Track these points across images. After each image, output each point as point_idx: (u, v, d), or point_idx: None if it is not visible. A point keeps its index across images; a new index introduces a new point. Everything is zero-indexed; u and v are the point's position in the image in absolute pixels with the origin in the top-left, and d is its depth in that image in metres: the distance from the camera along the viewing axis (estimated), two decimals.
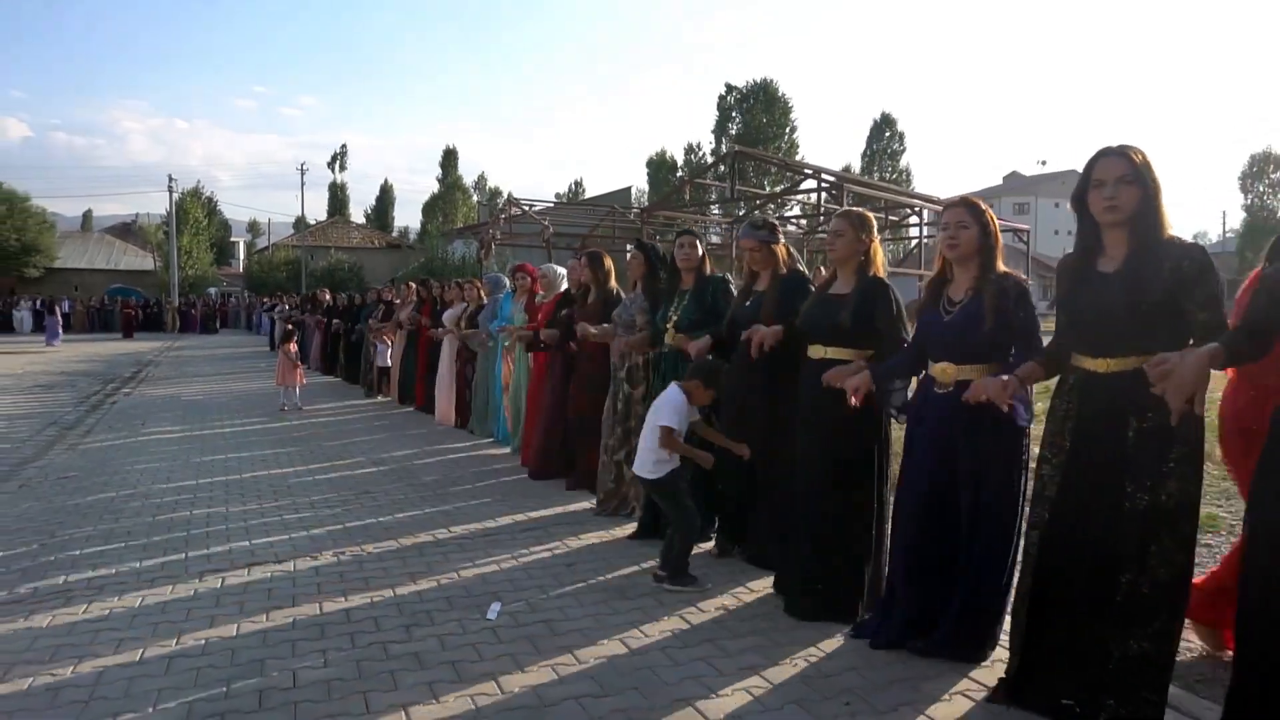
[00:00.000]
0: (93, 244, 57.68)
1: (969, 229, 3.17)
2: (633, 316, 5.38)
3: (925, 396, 3.30)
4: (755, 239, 4.32)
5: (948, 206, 3.28)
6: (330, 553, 4.73)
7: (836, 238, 3.78)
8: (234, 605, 3.94)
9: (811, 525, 3.71)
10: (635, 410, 5.23)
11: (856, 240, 3.73)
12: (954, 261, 3.24)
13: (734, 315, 4.40)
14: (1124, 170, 2.63)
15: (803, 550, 3.74)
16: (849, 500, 3.67)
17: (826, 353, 3.73)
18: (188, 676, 3.20)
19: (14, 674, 3.22)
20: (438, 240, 44.24)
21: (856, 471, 3.68)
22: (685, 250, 4.86)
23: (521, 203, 17.89)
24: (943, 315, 3.23)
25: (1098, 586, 2.67)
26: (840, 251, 3.76)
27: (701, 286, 4.83)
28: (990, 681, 3.02)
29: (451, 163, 65.60)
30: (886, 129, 58.91)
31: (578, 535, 5.03)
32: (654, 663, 3.29)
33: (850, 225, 3.75)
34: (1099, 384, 2.71)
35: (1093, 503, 2.71)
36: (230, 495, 6.17)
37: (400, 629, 3.62)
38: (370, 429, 9.33)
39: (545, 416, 6.51)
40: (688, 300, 4.83)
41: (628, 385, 5.32)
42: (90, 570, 4.47)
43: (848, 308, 3.67)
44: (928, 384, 3.29)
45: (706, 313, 4.72)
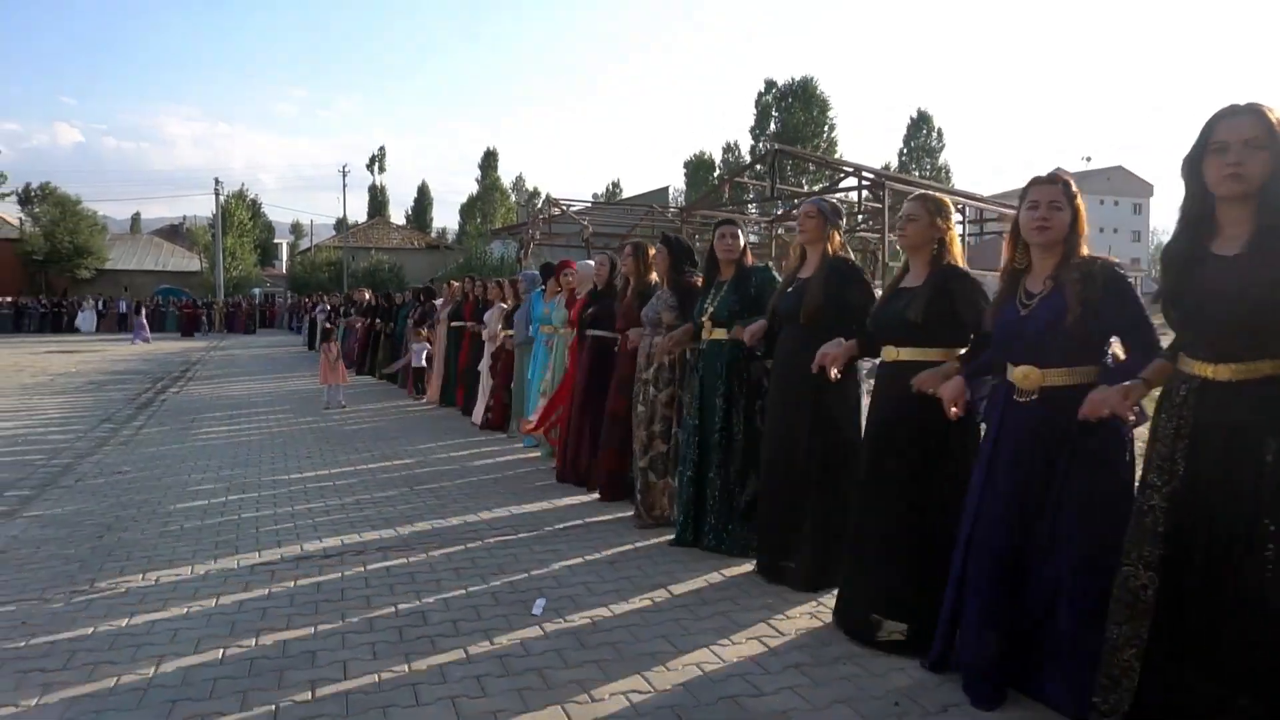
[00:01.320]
0: (141, 246, 59.06)
1: (1062, 211, 2.76)
2: (658, 314, 5.15)
3: (1002, 406, 2.89)
4: (817, 207, 4.07)
5: (1036, 182, 2.82)
6: (376, 549, 4.80)
7: (909, 222, 3.44)
8: (284, 599, 4.01)
9: (889, 551, 3.35)
10: (661, 414, 5.09)
11: (931, 225, 3.39)
12: (1039, 247, 2.82)
13: (776, 304, 4.17)
14: (1255, 132, 2.19)
15: (875, 578, 3.40)
16: (926, 521, 3.28)
17: (899, 354, 3.38)
18: (241, 667, 3.26)
19: (74, 662, 3.31)
20: (477, 240, 44.58)
21: (941, 491, 3.26)
22: (726, 240, 4.64)
23: (560, 203, 17.97)
24: (1019, 309, 2.83)
25: (1235, 648, 2.22)
26: (913, 238, 3.43)
27: (743, 277, 4.62)
28: None
29: (491, 164, 66.21)
30: (924, 126, 58.30)
31: (617, 533, 5.04)
32: (700, 660, 3.29)
33: (925, 209, 3.41)
34: (1220, 395, 2.25)
35: (1220, 543, 2.25)
36: (278, 492, 6.28)
37: (447, 624, 3.66)
38: (411, 428, 9.44)
39: (571, 418, 6.34)
40: (726, 290, 4.61)
41: (653, 388, 5.13)
42: (146, 564, 4.58)
43: (918, 300, 3.31)
44: (1005, 391, 2.88)
45: (748, 303, 4.51)
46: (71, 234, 49.30)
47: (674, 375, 5.08)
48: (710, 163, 59.69)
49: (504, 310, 8.94)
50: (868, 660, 3.28)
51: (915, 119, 58.51)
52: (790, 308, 4.01)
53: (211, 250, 46.01)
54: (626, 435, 5.50)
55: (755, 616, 3.72)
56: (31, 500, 6.23)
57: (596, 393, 5.99)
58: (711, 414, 4.54)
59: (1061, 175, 2.81)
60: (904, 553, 3.31)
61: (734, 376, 4.51)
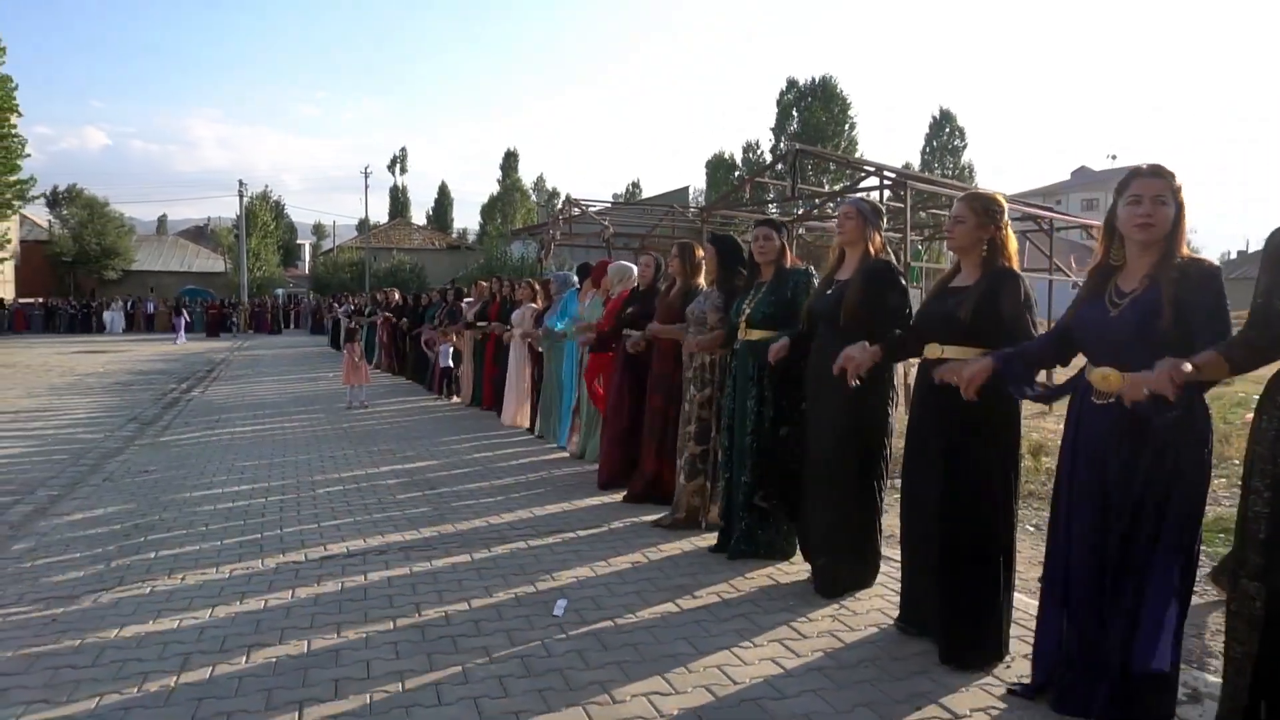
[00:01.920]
0: (167, 247, 59.81)
1: (1167, 206, 2.58)
2: (704, 313, 5.07)
3: (1080, 408, 2.77)
4: (857, 207, 3.99)
5: (1138, 175, 2.63)
6: (399, 548, 4.83)
7: (956, 224, 3.36)
8: (309, 598, 4.04)
9: (938, 554, 3.28)
10: (698, 414, 5.03)
11: (979, 227, 3.30)
12: (1139, 244, 2.63)
13: (812, 306, 4.10)
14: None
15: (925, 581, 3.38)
16: (979, 525, 3.21)
17: (944, 352, 3.29)
18: (266, 667, 3.29)
19: (104, 658, 3.35)
20: (497, 241, 44.75)
21: (989, 490, 3.21)
22: (761, 242, 4.56)
23: (581, 203, 18.00)
24: (1109, 309, 2.66)
25: None
26: (960, 239, 3.35)
27: (781, 279, 4.51)
28: None
29: (511, 164, 66.37)
30: (946, 125, 57.84)
31: (640, 535, 5.04)
32: (722, 662, 3.28)
33: (972, 211, 3.32)
34: None
35: None
36: (301, 491, 6.33)
37: (469, 624, 3.68)
38: (435, 428, 9.48)
39: (609, 419, 6.30)
40: (763, 293, 4.52)
41: (693, 388, 5.08)
42: (173, 564, 4.63)
43: (968, 300, 3.23)
44: (1084, 393, 2.73)
45: (784, 307, 4.42)
46: (99, 236, 50.08)
47: (712, 377, 5.00)
48: (731, 162, 59.54)
49: (534, 311, 8.84)
50: (889, 663, 3.26)
51: (937, 118, 58.05)
52: (828, 309, 3.94)
53: (235, 251, 46.51)
54: (664, 435, 5.47)
55: (777, 619, 3.71)
56: (60, 499, 6.32)
57: (635, 393, 5.95)
58: (744, 417, 4.48)
59: (1165, 168, 2.63)
60: (955, 556, 3.24)
61: (767, 379, 4.44)
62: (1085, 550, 2.72)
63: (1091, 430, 2.71)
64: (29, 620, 3.81)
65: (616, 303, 6.64)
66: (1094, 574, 2.70)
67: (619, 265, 7.18)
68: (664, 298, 5.73)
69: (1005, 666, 3.20)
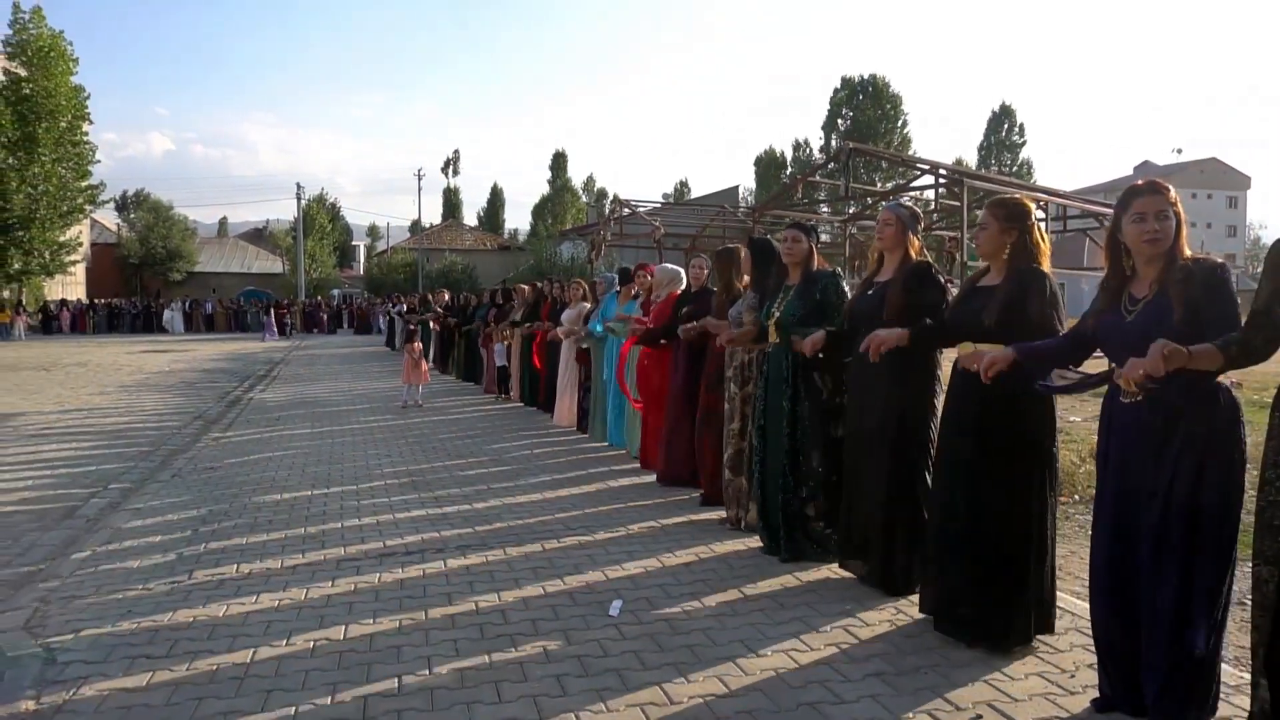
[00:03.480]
0: (228, 249, 61.53)
1: (1169, 219, 2.73)
2: (740, 314, 5.19)
3: (1110, 409, 2.88)
4: (895, 213, 4.07)
5: (1137, 194, 2.80)
6: (456, 546, 4.91)
7: (980, 231, 3.53)
8: (369, 594, 4.14)
9: (968, 542, 3.38)
10: (741, 411, 5.09)
11: (1001, 232, 3.42)
12: (1148, 256, 2.77)
13: (854, 308, 4.18)
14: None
15: (956, 569, 3.44)
16: (1012, 511, 3.31)
17: (976, 349, 3.36)
18: (331, 659, 3.38)
19: (177, 649, 3.47)
20: (546, 242, 45.13)
21: (1020, 477, 3.32)
22: (789, 244, 4.67)
23: (630, 203, 18.05)
24: (1124, 315, 2.81)
25: None
26: (984, 246, 3.50)
27: (809, 281, 4.61)
28: None
29: (561, 165, 66.90)
30: (1005, 120, 56.80)
31: (693, 534, 5.05)
32: (778, 664, 3.28)
33: (994, 217, 3.46)
34: None
35: None
36: (359, 488, 6.47)
37: (527, 623, 3.73)
38: (488, 426, 9.60)
39: (669, 418, 6.32)
40: (792, 295, 4.62)
41: (734, 385, 5.16)
42: (239, 557, 4.78)
43: (994, 303, 3.35)
44: (1113, 394, 2.87)
45: (813, 309, 4.50)
46: (164, 239, 51.83)
47: (751, 374, 5.07)
48: (781, 160, 59.19)
49: (585, 310, 8.91)
50: (950, 669, 3.22)
51: (996, 113, 57.08)
52: (870, 310, 3.99)
53: (293, 253, 47.60)
54: (716, 432, 5.51)
55: (834, 621, 3.70)
56: (132, 494, 6.55)
57: (691, 393, 6.02)
58: (778, 418, 4.53)
59: (1160, 183, 2.81)
60: (986, 543, 3.34)
61: (801, 380, 4.48)
62: (1123, 547, 2.79)
63: (1121, 429, 2.82)
64: (106, 609, 3.96)
65: (666, 304, 6.66)
66: (1133, 571, 2.77)
67: (665, 268, 7.22)
68: (718, 299, 5.78)
69: (1069, 676, 3.15)
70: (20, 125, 33.94)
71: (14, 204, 33.71)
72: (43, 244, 35.89)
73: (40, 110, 34.72)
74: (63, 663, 3.36)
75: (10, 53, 35.20)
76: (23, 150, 34.13)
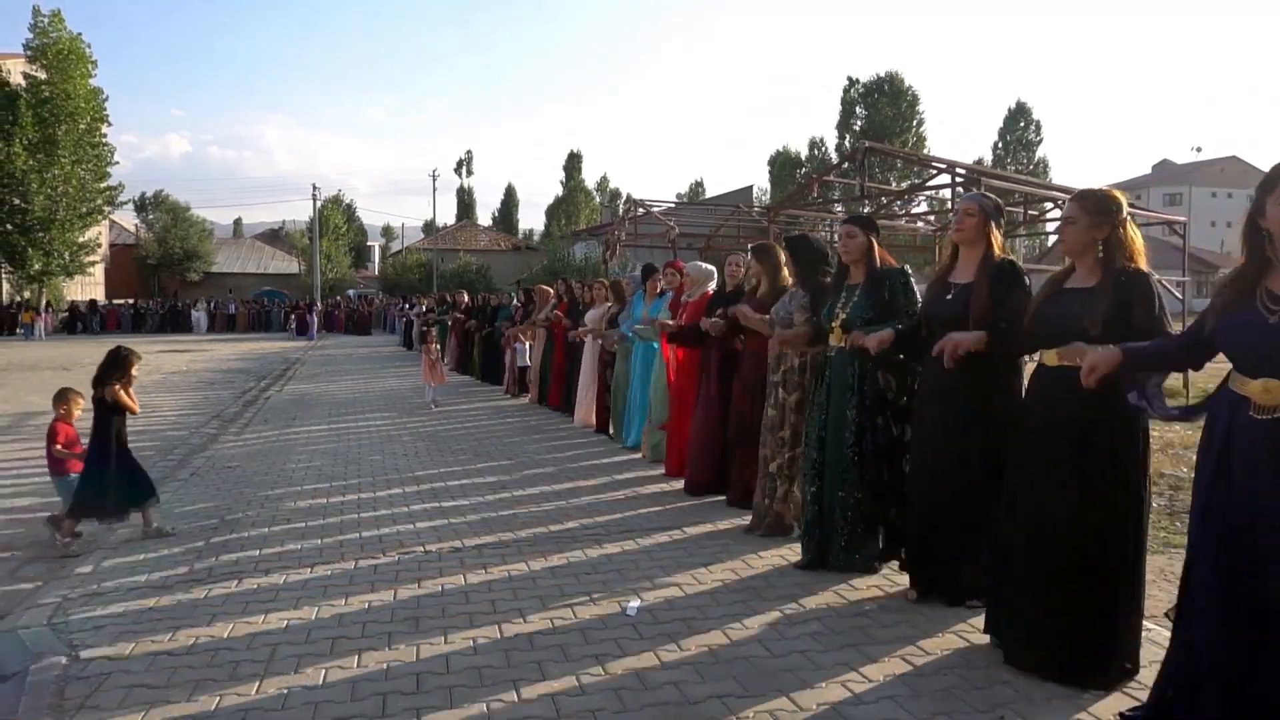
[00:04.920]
0: (244, 249, 61.99)
1: None
2: (790, 314, 4.87)
3: (1230, 423, 2.51)
4: (978, 203, 3.73)
5: None
6: (473, 543, 4.92)
7: (1067, 225, 3.17)
8: (387, 590, 4.15)
9: (1055, 573, 3.07)
10: (789, 419, 4.80)
11: (1091, 227, 3.09)
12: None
13: (931, 311, 3.81)
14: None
15: (1037, 600, 3.13)
16: (1101, 541, 3.02)
17: (1061, 360, 3.05)
18: (351, 656, 3.39)
19: (199, 646, 3.50)
20: (560, 242, 45.19)
21: (1113, 506, 3.01)
22: (844, 240, 4.34)
23: (645, 203, 18.05)
24: (1265, 315, 2.41)
25: None
26: (1071, 242, 3.16)
27: (876, 280, 4.26)
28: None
29: (575, 166, 66.98)
30: (1021, 118, 56.37)
31: (712, 536, 5.04)
32: (795, 665, 3.27)
33: (1083, 210, 3.10)
34: None
35: None
36: (377, 492, 6.49)
37: (545, 621, 3.73)
38: (507, 428, 9.58)
39: (699, 424, 6.02)
40: (859, 296, 4.27)
41: (782, 391, 4.85)
42: (256, 554, 4.81)
43: (1096, 305, 2.98)
44: (1233, 405, 2.50)
45: (882, 310, 4.18)
46: (182, 239, 52.27)
47: (803, 379, 4.80)
48: (796, 160, 59.02)
49: (610, 311, 8.70)
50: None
51: (1013, 110, 56.60)
52: (951, 314, 3.64)
53: (309, 253, 47.86)
54: (751, 440, 5.25)
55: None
56: None
57: (723, 397, 5.76)
58: (841, 426, 4.22)
59: None
60: (1073, 574, 3.05)
61: (869, 388, 4.19)
62: (1223, 575, 2.51)
63: (1245, 447, 2.46)
64: (128, 607, 4.00)
65: (699, 305, 6.32)
66: (1231, 599, 2.50)
67: (699, 266, 6.85)
68: (751, 298, 5.50)
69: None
70: (41, 127, 34.30)
71: (35, 205, 34.08)
72: (62, 245, 36.25)
73: (60, 112, 35.08)
74: (85, 659, 3.40)
75: (31, 56, 35.59)
76: (43, 152, 34.49)
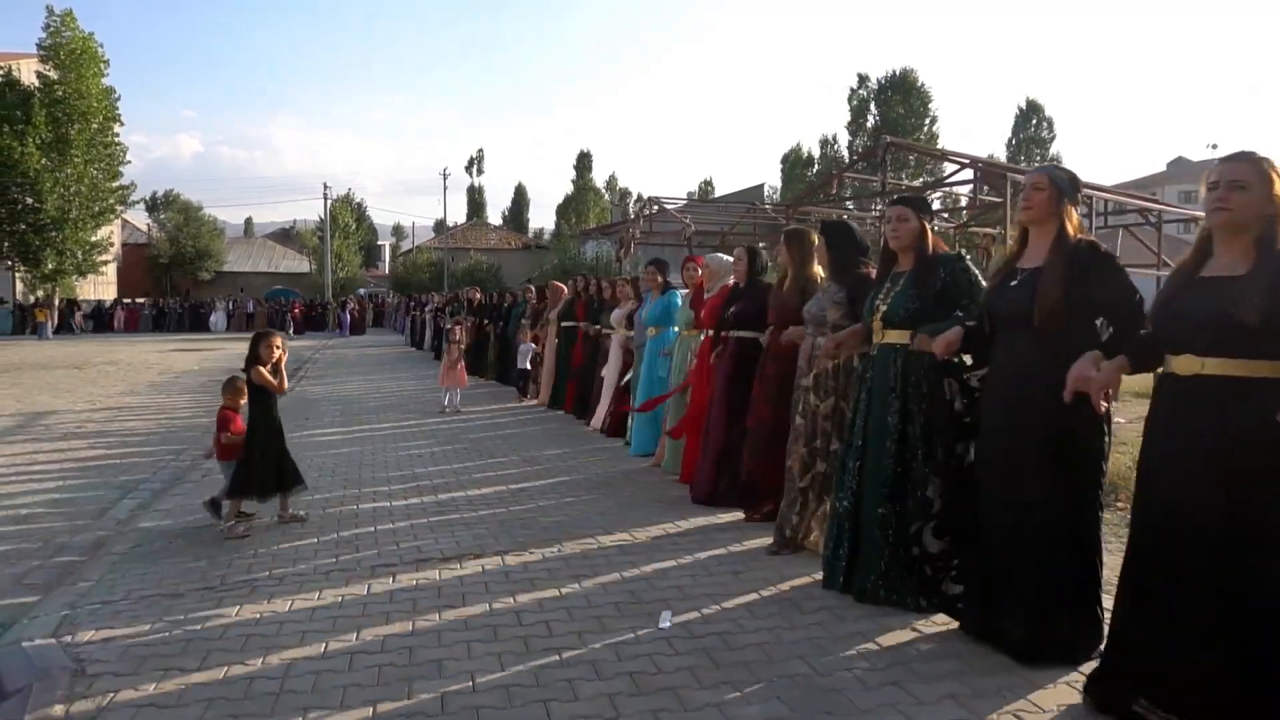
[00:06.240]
0: (255, 249, 62.07)
1: None
2: (823, 310, 4.47)
3: None
4: (1048, 175, 3.24)
5: None
6: (494, 552, 4.73)
7: (1234, 191, 2.50)
8: (406, 602, 3.97)
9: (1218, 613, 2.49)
10: (822, 428, 4.41)
11: (1268, 198, 2.49)
12: None
13: (992, 303, 3.28)
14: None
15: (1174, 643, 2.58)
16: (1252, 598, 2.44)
17: (1205, 366, 2.50)
18: (369, 674, 3.21)
19: (210, 661, 3.33)
20: (570, 241, 45.02)
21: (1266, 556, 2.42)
22: (893, 224, 3.83)
23: (661, 200, 17.87)
24: None
25: None
26: (1240, 212, 2.51)
27: (926, 266, 3.74)
28: None
29: (585, 165, 66.78)
30: (1034, 115, 55.89)
31: (740, 542, 4.84)
32: (840, 684, 3.07)
33: (1256, 174, 2.50)
34: None
35: None
36: (391, 489, 6.33)
37: (572, 635, 3.54)
38: (523, 433, 9.32)
39: (715, 436, 5.61)
40: (904, 284, 3.77)
41: (813, 397, 4.44)
42: (270, 561, 4.64)
43: (1252, 294, 2.41)
44: None
45: (930, 301, 3.67)
46: (194, 239, 52.37)
47: (837, 383, 4.38)
48: (808, 158, 58.71)
49: (632, 309, 8.37)
50: (1037, 695, 2.98)
51: (1024, 109, 56.11)
52: (1016, 306, 3.15)
53: (320, 252, 47.85)
54: (772, 450, 4.87)
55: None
56: (162, 494, 6.46)
57: (740, 402, 5.34)
58: (882, 435, 3.72)
59: None
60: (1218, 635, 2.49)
61: (912, 390, 3.67)
62: None
63: None
64: (137, 615, 3.84)
65: (716, 300, 5.99)
66: None
67: (719, 258, 6.52)
68: (778, 293, 5.10)
69: None
70: (53, 127, 34.36)
71: (48, 204, 34.13)
72: (75, 244, 36.30)
73: (72, 112, 35.12)
74: (92, 675, 3.23)
75: (44, 55, 35.66)
76: (56, 151, 34.55)
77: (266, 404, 5.39)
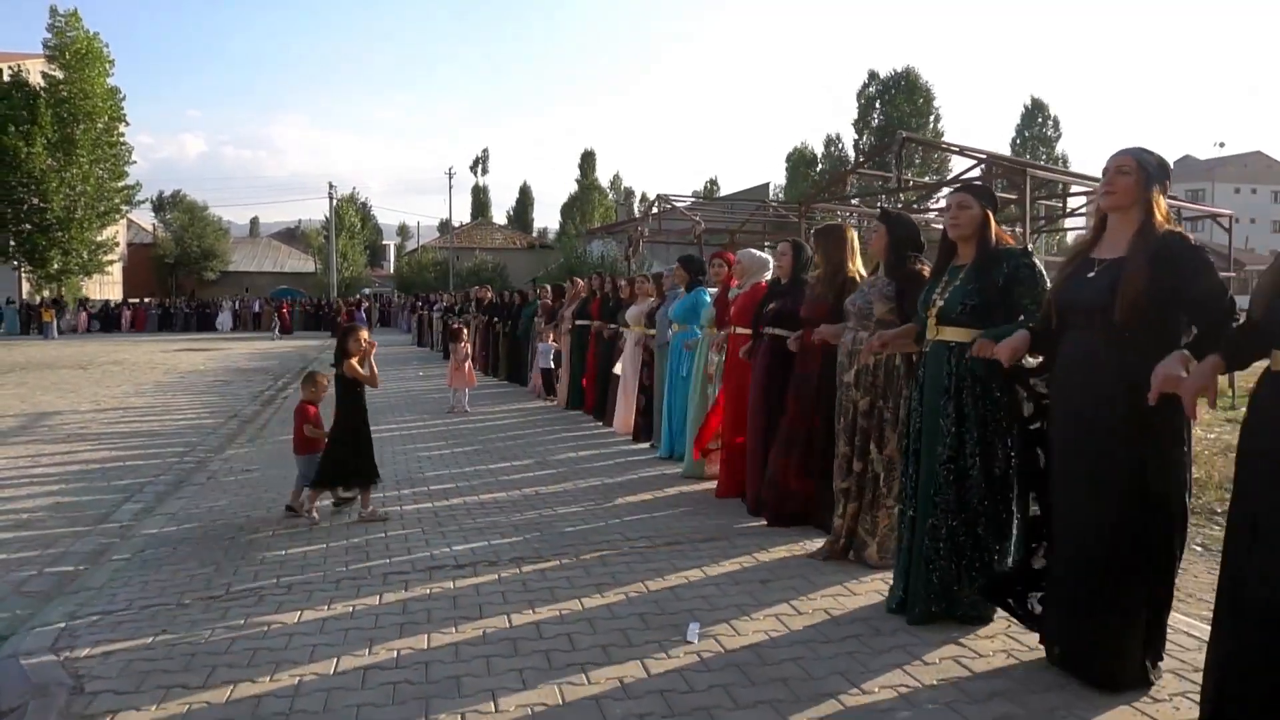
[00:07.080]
0: (261, 248, 62.09)
1: None
2: (870, 304, 4.24)
3: None
4: (1136, 159, 2.91)
5: None
6: (510, 560, 4.55)
7: None
8: (421, 613, 3.79)
9: None
10: (860, 426, 4.19)
11: None
12: None
13: (1063, 296, 2.99)
14: None
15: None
16: None
17: None
18: (384, 692, 3.03)
19: (215, 678, 3.15)
20: (575, 240, 44.86)
21: None
22: (954, 212, 3.54)
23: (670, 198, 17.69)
24: None
25: None
26: None
27: (989, 260, 3.44)
28: None
29: (589, 164, 66.66)
30: (1038, 114, 55.60)
31: (766, 549, 4.64)
32: (885, 704, 2.88)
33: None
34: None
35: None
36: (401, 493, 6.15)
37: (597, 649, 3.36)
38: (540, 434, 9.14)
39: (749, 436, 5.40)
40: (962, 278, 3.48)
41: (854, 391, 4.22)
42: (278, 568, 4.46)
43: None
44: None
45: (991, 296, 3.39)
46: (199, 238, 52.37)
47: (876, 381, 4.18)
48: (812, 157, 58.48)
49: (652, 307, 8.09)
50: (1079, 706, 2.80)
51: (1029, 107, 55.85)
52: (1092, 299, 2.86)
53: (325, 252, 47.78)
54: (806, 451, 4.73)
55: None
56: (166, 497, 6.30)
57: (776, 401, 5.11)
58: (935, 439, 3.45)
59: None
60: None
61: (967, 391, 3.40)
62: None
63: None
64: (139, 626, 3.67)
65: (751, 296, 5.72)
66: None
67: (752, 253, 6.25)
68: (818, 289, 4.86)
69: None
70: (59, 127, 34.33)
71: (53, 204, 34.10)
72: (80, 244, 36.28)
73: (78, 112, 35.10)
74: (91, 692, 3.05)
75: (49, 55, 35.63)
76: (62, 151, 34.52)
77: (356, 397, 5.51)
